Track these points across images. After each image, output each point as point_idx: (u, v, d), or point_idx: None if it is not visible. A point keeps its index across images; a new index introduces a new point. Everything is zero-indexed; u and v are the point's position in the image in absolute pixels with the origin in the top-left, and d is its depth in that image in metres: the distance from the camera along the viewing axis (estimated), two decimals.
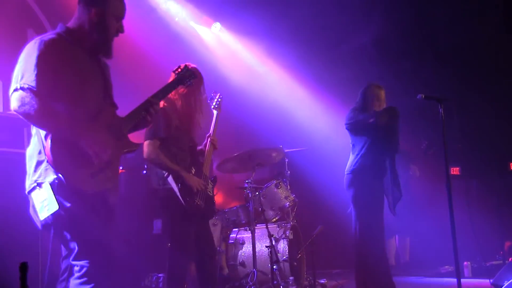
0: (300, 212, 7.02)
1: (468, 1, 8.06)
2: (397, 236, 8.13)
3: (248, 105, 8.18)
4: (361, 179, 5.66)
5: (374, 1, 8.25)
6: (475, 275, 7.04)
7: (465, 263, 7.09)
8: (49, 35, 3.14)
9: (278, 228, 6.48)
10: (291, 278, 6.14)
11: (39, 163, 3.04)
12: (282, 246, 6.31)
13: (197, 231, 4.65)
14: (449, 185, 4.97)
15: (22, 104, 2.91)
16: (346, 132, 5.96)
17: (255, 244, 5.98)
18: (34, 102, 2.89)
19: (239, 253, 6.35)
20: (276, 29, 8.30)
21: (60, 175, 2.93)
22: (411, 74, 8.61)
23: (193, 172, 4.65)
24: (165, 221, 5.26)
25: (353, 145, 5.86)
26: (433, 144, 8.04)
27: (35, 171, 3.05)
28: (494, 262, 7.57)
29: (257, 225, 6.30)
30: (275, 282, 5.87)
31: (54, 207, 2.94)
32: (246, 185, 6.21)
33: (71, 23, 3.27)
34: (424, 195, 8.20)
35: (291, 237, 6.42)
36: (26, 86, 2.91)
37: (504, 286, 4.90)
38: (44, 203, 2.98)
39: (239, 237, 6.46)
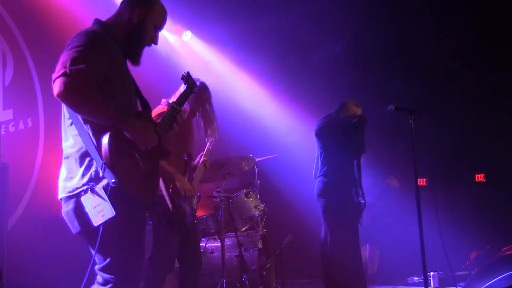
0: (269, 221, 7.01)
1: (438, 16, 8.19)
2: (368, 246, 8.16)
3: (217, 114, 8.16)
4: (333, 188, 5.69)
5: (345, 12, 8.32)
6: (442, 285, 7.13)
7: (432, 273, 7.16)
8: (95, 28, 3.05)
9: (247, 237, 6.46)
10: (260, 287, 6.12)
11: (88, 165, 2.90)
12: (252, 255, 6.29)
13: (184, 240, 4.62)
14: (418, 195, 5.03)
15: (65, 88, 2.72)
16: (315, 140, 6.02)
17: (224, 253, 5.96)
18: (83, 87, 2.75)
19: (208, 262, 6.31)
20: (245, 38, 8.33)
21: (117, 179, 2.78)
22: (381, 85, 8.70)
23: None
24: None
25: (322, 152, 5.88)
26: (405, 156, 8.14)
27: (83, 174, 2.90)
28: (460, 272, 7.67)
29: (227, 234, 6.28)
30: None
31: (110, 213, 2.80)
32: (216, 194, 6.20)
33: (109, 20, 3.19)
34: (394, 205, 8.28)
35: (260, 246, 6.41)
36: (74, 71, 2.75)
37: None
38: (97, 209, 2.83)
39: (208, 246, 6.43)
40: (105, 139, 2.80)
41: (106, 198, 2.81)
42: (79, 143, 2.93)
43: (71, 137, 2.98)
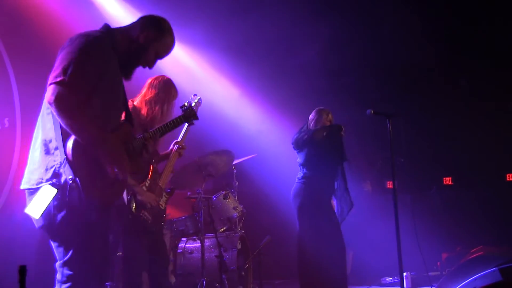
0: (247, 222, 7.09)
1: (412, 21, 8.37)
2: None
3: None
4: (309, 189, 5.82)
5: (320, 17, 8.44)
6: (415, 285, 7.30)
7: (405, 273, 7.32)
8: (95, 32, 3.09)
9: (226, 238, 6.53)
10: (239, 287, 6.20)
11: (54, 158, 2.92)
12: (231, 255, 6.36)
13: (149, 244, 4.64)
14: (395, 198, 5.16)
15: (57, 98, 2.81)
16: (291, 143, 6.21)
17: (204, 254, 6.01)
18: (70, 99, 2.83)
19: (187, 263, 6.35)
20: (223, 42, 8.38)
21: (77, 178, 2.83)
22: (354, 89, 8.85)
23: (147, 185, 4.63)
24: (117, 230, 5.20)
25: (299, 162, 6.05)
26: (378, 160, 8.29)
27: (48, 167, 2.92)
28: (432, 273, 7.85)
29: (206, 235, 6.34)
30: None
31: (36, 215, 2.87)
32: (190, 193, 6.26)
33: (118, 29, 3.25)
34: (364, 207, 8.43)
35: (239, 247, 6.48)
36: (64, 80, 2.83)
37: None
38: (38, 202, 2.89)
39: (188, 246, 6.46)
40: (71, 140, 2.88)
41: (49, 201, 2.86)
42: (51, 133, 2.97)
43: (45, 126, 3.02)
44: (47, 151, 2.96)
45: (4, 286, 5.32)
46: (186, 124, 4.88)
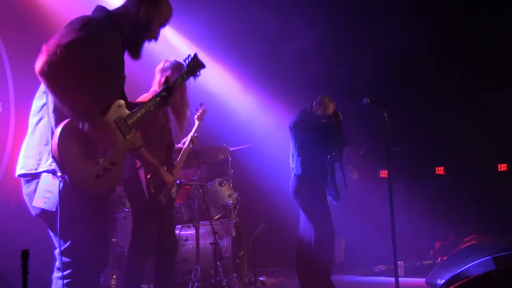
0: (242, 210, 7.11)
1: (408, 11, 8.37)
2: None
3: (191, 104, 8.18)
4: (311, 181, 5.84)
5: (317, 6, 8.43)
6: (408, 274, 7.35)
7: (398, 262, 7.36)
8: (98, 16, 3.03)
9: (221, 226, 6.54)
10: (234, 274, 6.22)
11: (46, 150, 2.89)
12: (226, 243, 6.38)
13: (160, 230, 4.64)
14: (390, 187, 5.17)
15: (48, 67, 2.69)
16: (287, 132, 6.17)
17: (199, 241, 6.02)
18: (61, 69, 2.71)
19: (182, 250, 6.36)
20: (218, 30, 8.34)
21: (65, 175, 2.79)
22: (350, 78, 8.86)
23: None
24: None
25: (296, 145, 6.01)
26: (371, 150, 8.30)
27: (42, 157, 2.89)
28: (425, 262, 7.92)
29: (200, 222, 6.34)
30: (218, 278, 5.94)
31: (52, 206, 2.83)
32: (190, 182, 6.25)
33: (115, 10, 3.17)
34: (357, 196, 8.48)
35: (234, 234, 6.50)
36: (57, 51, 2.71)
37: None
38: (46, 194, 2.85)
39: (183, 233, 6.47)
40: (57, 131, 2.79)
41: (57, 192, 2.82)
42: (43, 131, 2.93)
43: (42, 113, 2.96)
44: (43, 139, 2.93)
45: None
46: (197, 124, 5.43)
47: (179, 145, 5.19)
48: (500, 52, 8.59)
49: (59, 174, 2.80)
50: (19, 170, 2.99)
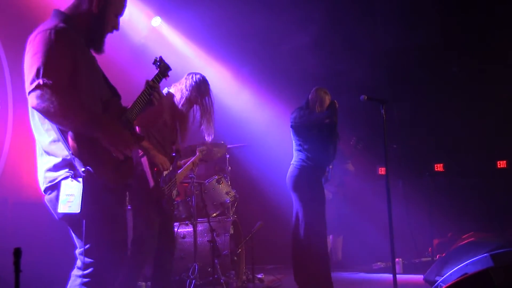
0: (239, 207, 7.10)
1: (405, 6, 8.36)
2: (331, 236, 8.30)
3: None
4: (308, 176, 5.82)
5: (313, 2, 8.41)
6: (406, 271, 7.34)
7: (396, 259, 7.36)
8: (55, 23, 2.99)
9: (219, 223, 6.54)
10: (232, 272, 6.22)
11: (64, 160, 2.92)
12: (224, 240, 6.37)
13: (161, 225, 4.63)
14: (388, 184, 5.16)
15: (42, 101, 2.76)
16: (285, 129, 6.15)
17: (197, 238, 6.02)
18: (53, 99, 2.76)
19: (180, 247, 6.36)
20: (216, 27, 8.33)
21: (88, 167, 2.83)
22: (347, 74, 8.83)
23: (164, 175, 4.63)
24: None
25: (299, 144, 6.00)
26: (361, 140, 8.26)
27: (63, 162, 2.93)
28: (423, 259, 7.91)
29: (198, 219, 6.34)
30: (215, 276, 5.93)
31: (77, 208, 2.85)
32: (188, 180, 6.25)
33: (68, 10, 3.14)
34: (355, 193, 8.47)
35: (232, 232, 6.50)
36: (43, 82, 2.76)
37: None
38: (69, 198, 2.87)
39: (180, 231, 6.47)
40: (69, 134, 2.86)
41: (80, 193, 2.85)
42: (52, 134, 2.95)
43: (46, 130, 2.99)
44: (52, 150, 2.96)
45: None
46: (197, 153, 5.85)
47: (180, 163, 5.22)
48: (500, 49, 8.56)
49: (82, 169, 2.82)
50: (42, 186, 3.04)
